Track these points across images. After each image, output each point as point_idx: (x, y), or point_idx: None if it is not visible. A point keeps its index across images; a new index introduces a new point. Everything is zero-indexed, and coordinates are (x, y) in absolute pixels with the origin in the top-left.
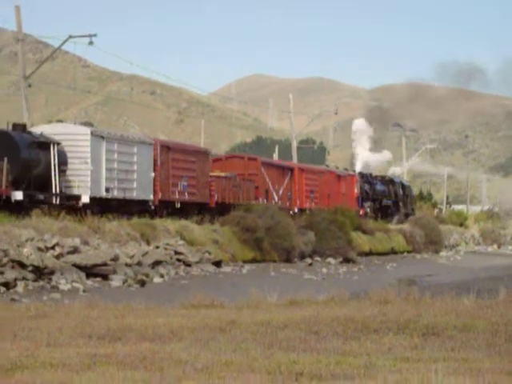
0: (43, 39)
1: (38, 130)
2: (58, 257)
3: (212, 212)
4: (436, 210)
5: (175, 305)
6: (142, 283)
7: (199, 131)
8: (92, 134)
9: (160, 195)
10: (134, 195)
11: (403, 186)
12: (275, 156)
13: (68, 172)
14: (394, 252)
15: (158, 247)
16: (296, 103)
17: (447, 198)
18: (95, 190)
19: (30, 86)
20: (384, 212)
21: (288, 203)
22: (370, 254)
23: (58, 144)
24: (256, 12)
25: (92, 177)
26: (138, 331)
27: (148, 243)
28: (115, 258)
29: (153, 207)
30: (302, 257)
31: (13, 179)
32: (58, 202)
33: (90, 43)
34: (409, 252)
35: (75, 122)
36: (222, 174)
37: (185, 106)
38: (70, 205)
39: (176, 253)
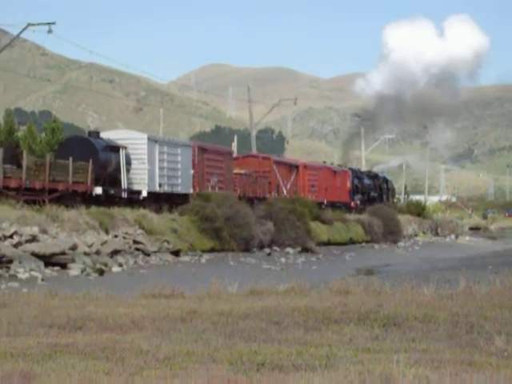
0: (1, 27)
1: (104, 135)
2: (16, 245)
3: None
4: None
5: (135, 294)
6: (101, 272)
7: (158, 120)
8: (148, 138)
9: (197, 189)
10: (179, 189)
11: (386, 181)
12: (234, 145)
13: (130, 171)
14: (352, 242)
15: (116, 236)
16: (255, 92)
17: (405, 188)
18: (151, 185)
19: None
20: (371, 203)
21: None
22: (328, 243)
23: (125, 148)
24: (216, 0)
25: (149, 175)
26: (98, 321)
27: (107, 232)
28: (74, 247)
29: (191, 199)
30: (261, 246)
31: (94, 177)
32: (125, 196)
33: (49, 31)
34: (367, 242)
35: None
36: (242, 171)
37: (144, 94)
38: (134, 198)
39: (135, 242)
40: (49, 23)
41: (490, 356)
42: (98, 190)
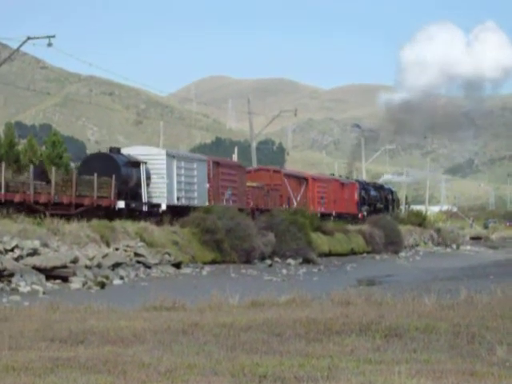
0: (1, 40)
1: (125, 151)
2: (17, 259)
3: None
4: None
5: (136, 307)
6: (102, 285)
7: (158, 133)
8: (167, 154)
9: (213, 202)
10: (196, 202)
11: (391, 192)
12: (234, 157)
13: (150, 185)
14: (353, 253)
15: (117, 249)
16: (255, 104)
17: (406, 198)
18: (170, 198)
19: None
20: (377, 215)
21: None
22: (329, 254)
23: (145, 163)
24: (216, 13)
25: (167, 188)
26: (100, 334)
27: (108, 245)
28: (75, 260)
29: None
30: (262, 258)
31: (116, 192)
32: (146, 209)
33: (49, 44)
34: (368, 253)
35: None
36: (254, 184)
37: (143, 107)
38: (154, 211)
39: (136, 254)
40: (48, 36)
41: (491, 366)
42: (121, 204)
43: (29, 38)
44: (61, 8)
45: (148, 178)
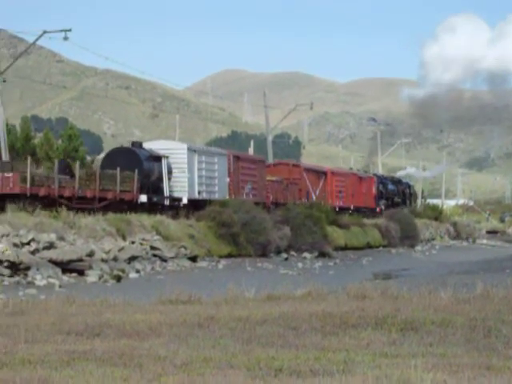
0: (18, 34)
1: (146, 145)
2: (33, 252)
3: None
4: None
5: (152, 300)
6: (118, 279)
7: (174, 126)
8: (188, 148)
9: (233, 196)
10: (216, 196)
11: (409, 186)
12: (251, 150)
13: (171, 179)
14: (369, 246)
15: (133, 242)
16: (271, 97)
17: (422, 192)
18: (191, 192)
19: (4, 80)
20: (395, 208)
21: (323, 202)
22: (345, 248)
23: (167, 157)
24: (232, 7)
25: (188, 183)
26: (116, 327)
27: (124, 238)
28: (91, 254)
29: None
30: (278, 251)
31: (139, 186)
32: (168, 203)
33: (65, 38)
34: (384, 246)
35: None
36: (274, 178)
37: (159, 100)
38: (175, 205)
39: (152, 248)
40: (64, 30)
41: (508, 360)
42: (143, 198)
43: (45, 32)
44: (77, 2)
45: (169, 172)
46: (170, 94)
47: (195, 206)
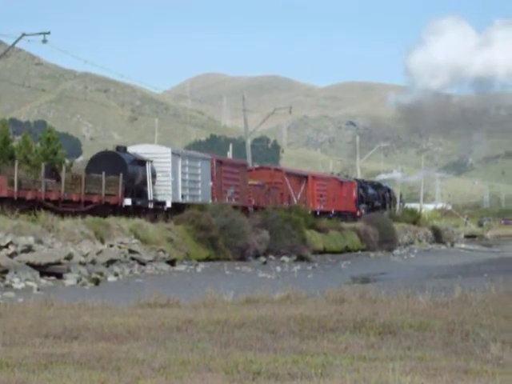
0: None
1: (131, 150)
2: (11, 255)
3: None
4: None
5: (130, 304)
6: (97, 282)
7: (153, 129)
8: (172, 152)
9: (216, 200)
10: (200, 200)
11: (388, 190)
12: (229, 154)
13: (155, 183)
14: (348, 250)
15: (112, 246)
16: (250, 101)
17: (401, 196)
18: (175, 196)
19: None
20: (375, 213)
21: (304, 206)
22: (324, 252)
23: (151, 161)
24: (211, 10)
25: (172, 186)
26: (94, 330)
27: (102, 242)
28: (69, 257)
29: None
30: (257, 255)
31: (123, 189)
32: (152, 206)
33: (44, 41)
34: (363, 250)
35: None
36: (255, 183)
37: (138, 103)
38: (159, 209)
39: (130, 251)
40: (43, 33)
41: (485, 363)
42: (128, 202)
43: (24, 35)
44: (56, 4)
45: (153, 176)
46: (148, 97)
47: (179, 209)
